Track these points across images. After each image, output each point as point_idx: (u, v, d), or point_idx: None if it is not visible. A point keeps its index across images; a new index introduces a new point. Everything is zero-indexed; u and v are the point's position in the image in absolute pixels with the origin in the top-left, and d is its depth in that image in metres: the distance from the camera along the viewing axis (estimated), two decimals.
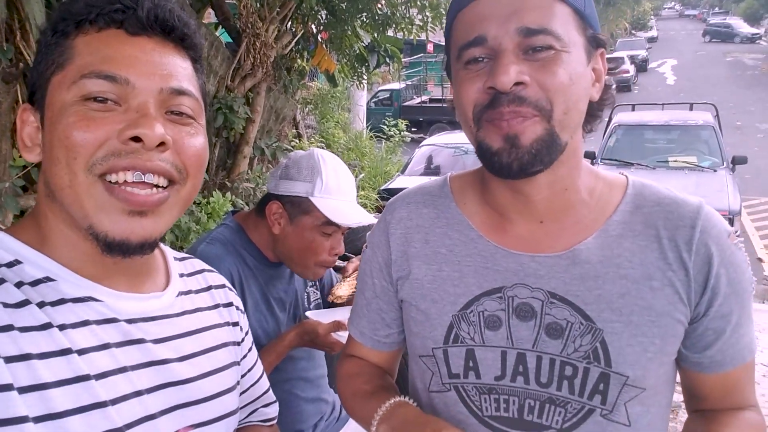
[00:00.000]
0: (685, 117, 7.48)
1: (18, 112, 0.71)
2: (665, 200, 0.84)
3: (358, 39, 5.51)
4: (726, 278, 0.80)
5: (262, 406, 1.01)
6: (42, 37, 0.69)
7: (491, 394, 0.85)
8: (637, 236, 0.81)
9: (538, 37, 0.73)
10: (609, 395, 0.80)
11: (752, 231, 7.65)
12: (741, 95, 19.58)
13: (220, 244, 1.42)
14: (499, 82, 0.72)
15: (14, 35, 2.05)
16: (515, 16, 0.73)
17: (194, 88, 0.71)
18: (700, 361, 0.84)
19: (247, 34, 4.37)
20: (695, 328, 0.81)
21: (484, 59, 0.76)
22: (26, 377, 0.59)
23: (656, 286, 0.79)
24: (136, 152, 0.65)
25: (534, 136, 0.74)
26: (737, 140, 12.12)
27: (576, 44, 0.76)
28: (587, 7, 0.78)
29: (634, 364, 0.79)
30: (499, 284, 0.84)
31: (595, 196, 0.85)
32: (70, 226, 0.67)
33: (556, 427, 0.82)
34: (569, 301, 0.81)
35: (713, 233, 0.80)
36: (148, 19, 0.67)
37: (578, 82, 0.75)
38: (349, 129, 10.68)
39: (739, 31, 37.09)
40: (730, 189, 5.97)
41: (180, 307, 0.79)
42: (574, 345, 0.80)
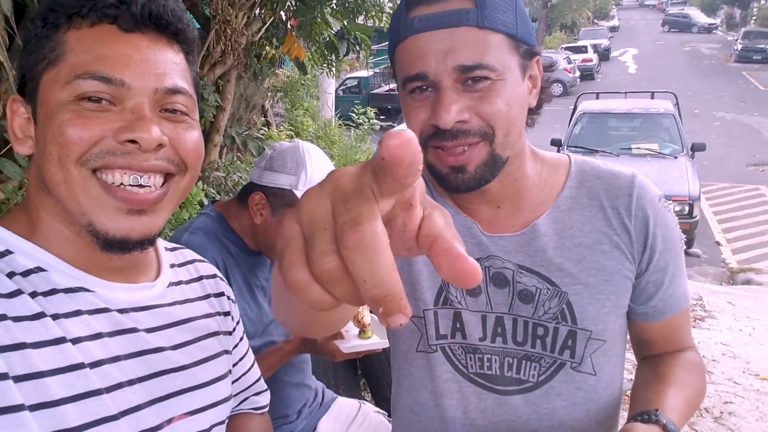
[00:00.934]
0: (647, 105, 7.69)
1: (8, 102, 0.70)
2: (604, 174, 0.95)
3: (327, 26, 5.47)
4: (661, 237, 0.92)
5: (253, 395, 1.03)
6: (31, 26, 0.68)
7: (476, 353, 0.94)
8: (584, 208, 0.92)
9: (474, 71, 0.79)
10: (577, 349, 0.91)
11: (710, 216, 7.95)
12: (699, 84, 20.17)
13: (203, 234, 1.43)
14: (442, 121, 0.79)
15: None
16: (451, 54, 0.78)
17: (187, 84, 0.72)
18: (645, 311, 0.96)
19: (217, 21, 4.29)
20: (639, 283, 0.93)
21: (427, 88, 0.82)
22: (21, 366, 0.59)
23: (606, 250, 0.91)
24: (132, 153, 0.65)
25: (477, 162, 0.83)
26: (696, 128, 12.51)
27: (510, 67, 0.82)
28: (519, 28, 0.82)
29: (595, 319, 0.90)
30: (476, 256, 0.92)
31: (543, 178, 0.94)
32: (64, 220, 0.67)
33: (532, 380, 0.93)
34: (535, 271, 0.91)
35: (647, 198, 0.92)
36: (142, 15, 0.67)
37: (515, 104, 0.83)
38: (317, 117, 10.60)
39: (697, 21, 38.06)
40: (690, 175, 6.18)
41: (171, 298, 0.80)
42: (544, 308, 0.91)
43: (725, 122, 14.70)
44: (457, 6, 0.79)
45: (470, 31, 0.78)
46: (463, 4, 0.79)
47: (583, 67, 22.57)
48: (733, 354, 3.90)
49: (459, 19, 0.78)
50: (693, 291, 5.09)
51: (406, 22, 0.81)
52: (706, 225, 7.50)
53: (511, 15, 0.81)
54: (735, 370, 3.67)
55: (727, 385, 3.50)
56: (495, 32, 0.79)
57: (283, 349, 1.48)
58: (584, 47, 24.70)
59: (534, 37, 0.86)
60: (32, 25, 0.68)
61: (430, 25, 0.79)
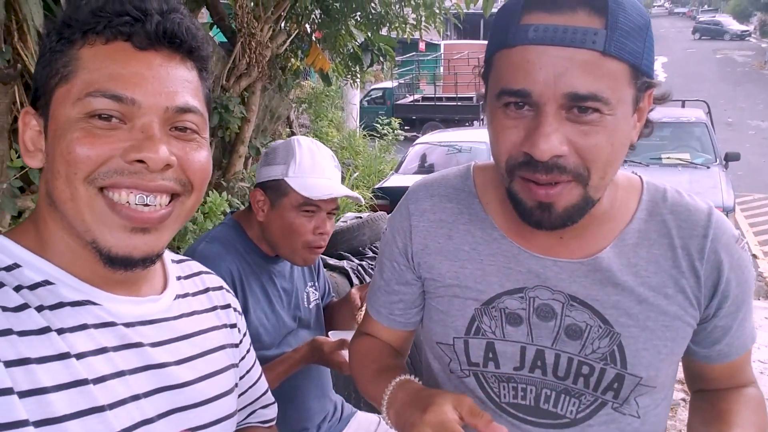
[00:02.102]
0: (677, 114, 7.52)
1: (20, 114, 0.70)
2: (678, 207, 0.85)
3: (351, 38, 5.50)
4: (735, 281, 0.84)
5: (260, 408, 1.01)
6: (46, 40, 0.68)
7: (509, 382, 0.88)
8: (652, 245, 0.84)
9: (586, 102, 0.69)
10: (622, 392, 0.84)
11: (746, 227, 7.72)
12: (732, 92, 19.72)
13: (219, 244, 1.43)
14: (538, 151, 0.70)
15: (12, 36, 2.04)
16: (564, 79, 0.68)
17: (199, 102, 0.71)
18: (708, 355, 0.89)
19: (243, 34, 4.36)
20: (705, 327, 0.86)
21: (524, 106, 0.72)
22: (25, 381, 0.59)
23: (670, 293, 0.82)
24: (140, 173, 0.65)
25: (567, 204, 0.74)
26: (729, 137, 12.21)
27: (624, 101, 0.72)
28: (645, 57, 0.72)
29: (648, 366, 0.83)
30: (521, 285, 0.86)
31: (616, 206, 0.86)
32: (71, 235, 0.67)
33: (570, 416, 0.86)
34: (589, 305, 0.83)
35: (723, 240, 0.84)
36: (157, 33, 0.66)
37: (619, 143, 0.74)
38: (342, 128, 10.67)
39: (729, 28, 37.37)
40: (723, 186, 6.01)
41: (177, 310, 0.79)
42: (593, 347, 0.83)
43: (760, 131, 14.31)
44: (584, 23, 0.68)
45: (592, 55, 0.68)
46: (592, 21, 0.68)
47: None
48: None
49: (584, 39, 0.67)
50: None
51: (518, 28, 0.70)
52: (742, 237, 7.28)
53: (640, 43, 0.70)
54: None
55: None
56: (619, 61, 0.69)
57: (291, 358, 1.46)
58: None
59: (654, 66, 0.76)
60: (47, 39, 0.68)
61: (547, 39, 0.68)
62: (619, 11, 0.68)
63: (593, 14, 0.68)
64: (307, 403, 1.58)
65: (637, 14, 0.70)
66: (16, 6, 1.99)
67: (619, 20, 0.68)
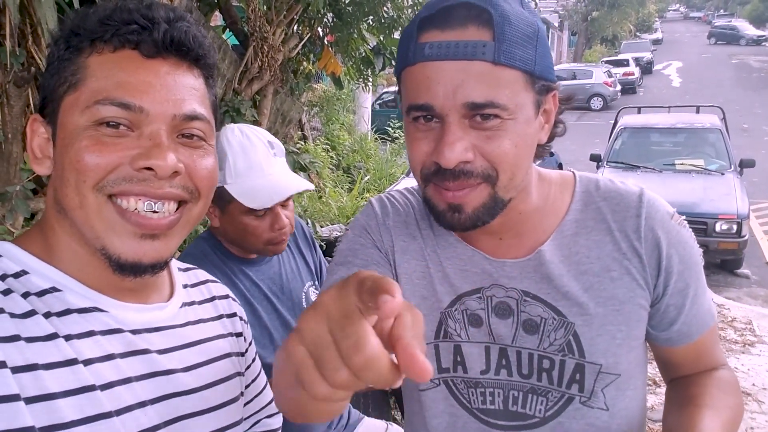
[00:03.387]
0: (691, 120, 7.45)
1: (29, 122, 0.71)
2: (610, 193, 0.89)
3: (364, 42, 5.52)
4: (677, 257, 0.86)
5: (265, 417, 1.01)
6: (54, 48, 0.69)
7: (477, 387, 0.90)
8: (590, 232, 0.87)
9: (484, 109, 0.73)
10: (586, 383, 0.85)
11: (760, 235, 7.61)
12: (747, 98, 19.50)
13: (192, 258, 1.37)
14: (444, 159, 0.74)
15: (26, 40, 2.06)
16: (461, 89, 0.72)
17: (206, 109, 0.72)
18: (669, 337, 0.90)
19: (255, 38, 4.38)
20: (658, 308, 0.88)
21: (432, 118, 0.77)
22: (33, 387, 0.59)
23: (615, 276, 0.85)
24: (148, 180, 0.65)
25: (477, 204, 0.78)
26: (744, 143, 12.07)
27: (523, 105, 0.76)
28: (538, 63, 0.76)
29: (605, 352, 0.85)
30: (477, 285, 0.89)
31: (549, 202, 0.89)
32: (80, 242, 0.68)
33: (539, 415, 0.88)
34: (541, 298, 0.86)
35: (657, 218, 0.86)
36: (164, 41, 0.67)
37: (523, 145, 0.78)
38: (354, 131, 10.69)
39: (745, 33, 37.01)
40: (738, 192, 5.94)
41: (184, 318, 0.80)
42: (549, 339, 0.86)
43: None
44: (473, 37, 0.72)
45: (484, 65, 0.72)
46: (480, 35, 0.72)
47: (625, 81, 22.15)
48: None
49: (474, 52, 0.72)
50: (742, 314, 4.85)
51: (416, 46, 0.75)
52: (756, 245, 7.17)
53: (530, 50, 0.74)
54: None
55: None
56: (511, 69, 0.73)
57: None
58: (626, 60, 24.27)
59: (553, 70, 0.80)
60: (55, 47, 0.69)
61: (442, 54, 0.73)
62: (505, 23, 0.72)
63: (481, 28, 0.72)
64: None
65: (524, 24, 0.74)
66: (30, 10, 2.01)
67: (506, 31, 0.72)
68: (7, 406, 0.56)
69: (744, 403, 3.50)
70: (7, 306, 0.61)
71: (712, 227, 5.62)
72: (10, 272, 0.65)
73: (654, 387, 3.50)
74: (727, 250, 5.75)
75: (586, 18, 31.51)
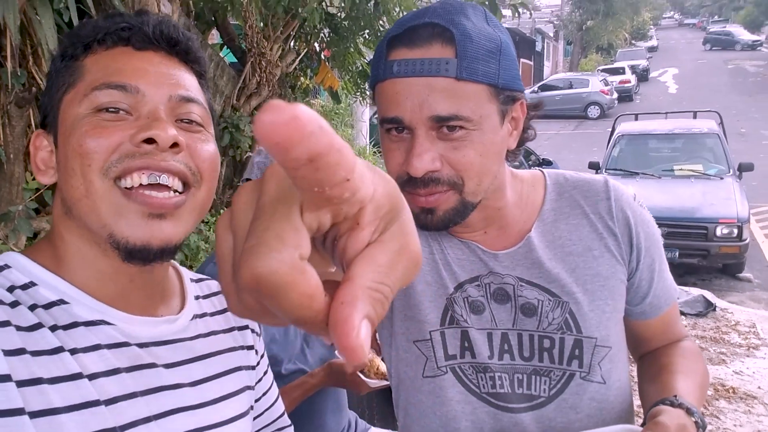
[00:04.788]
0: (689, 125, 7.47)
1: (31, 138, 0.72)
2: (579, 182, 0.98)
3: (360, 55, 5.56)
4: (644, 234, 0.94)
5: (276, 430, 1.00)
6: (52, 65, 0.71)
7: (486, 372, 0.93)
8: (568, 217, 0.95)
9: (450, 122, 0.78)
10: (584, 358, 0.91)
11: (761, 238, 7.60)
12: (744, 102, 19.57)
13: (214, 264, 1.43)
14: (413, 169, 0.80)
15: (27, 60, 2.09)
16: (426, 104, 0.78)
17: (202, 98, 0.73)
18: (642, 310, 0.99)
19: (253, 54, 4.42)
20: (632, 283, 0.96)
21: (404, 129, 0.82)
22: (37, 402, 0.58)
23: (597, 255, 0.93)
24: (149, 153, 0.65)
25: (447, 207, 0.84)
26: (742, 147, 12.08)
27: (488, 116, 0.81)
28: (501, 76, 0.80)
29: (598, 325, 0.91)
30: (476, 273, 0.94)
31: (524, 197, 0.96)
32: (88, 242, 0.67)
33: (544, 395, 0.92)
34: (535, 283, 0.92)
35: (624, 199, 0.95)
36: (154, 33, 0.70)
37: (489, 153, 0.83)
38: (352, 145, 10.73)
39: (740, 38, 37.18)
40: (737, 196, 5.94)
41: (194, 331, 0.79)
42: (548, 320, 0.91)
43: None
44: (437, 54, 0.77)
45: (448, 81, 0.77)
46: (444, 53, 0.77)
47: (621, 89, 22.24)
48: None
49: (438, 69, 0.77)
50: (745, 318, 4.84)
51: (386, 64, 0.81)
52: (758, 248, 7.16)
53: (493, 64, 0.79)
54: None
55: None
56: (474, 83, 0.78)
57: (307, 383, 1.46)
58: (622, 68, 24.40)
59: (518, 81, 0.85)
60: (53, 63, 0.71)
61: (408, 71, 0.78)
62: (466, 41, 0.77)
63: (445, 46, 0.78)
64: (324, 420, 1.58)
65: (486, 41, 0.79)
66: (30, 30, 2.04)
67: (468, 49, 0.77)
68: (13, 420, 0.56)
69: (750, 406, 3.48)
70: (14, 318, 0.61)
71: (712, 232, 5.62)
72: (18, 284, 0.65)
73: None
74: (729, 255, 5.74)
75: (581, 27, 31.72)
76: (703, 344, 4.31)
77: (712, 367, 3.93)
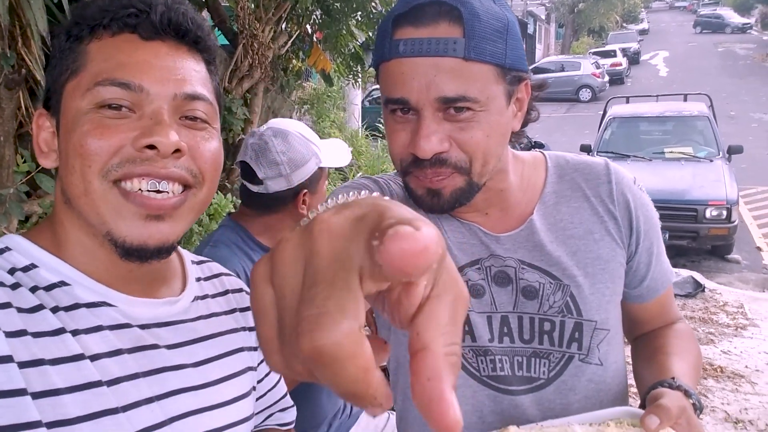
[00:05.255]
0: (679, 108, 7.50)
1: (34, 117, 0.71)
2: (580, 165, 0.98)
3: (352, 38, 5.50)
4: (643, 217, 0.95)
5: (278, 411, 1.01)
6: (56, 41, 0.69)
7: (487, 355, 0.93)
8: (569, 200, 0.95)
9: (456, 103, 0.77)
10: (584, 341, 0.92)
11: (750, 220, 7.69)
12: (734, 85, 19.64)
13: (223, 246, 1.43)
14: (420, 151, 0.78)
15: (16, 42, 2.04)
16: (434, 85, 0.76)
17: (208, 92, 0.71)
18: (640, 293, 0.99)
19: (245, 36, 4.37)
20: (631, 266, 0.96)
21: (409, 110, 0.80)
22: (39, 383, 0.58)
23: (597, 238, 0.93)
24: (151, 160, 0.64)
25: (453, 189, 0.83)
26: (732, 130, 12.17)
27: (495, 97, 0.80)
28: (508, 56, 0.79)
29: (598, 308, 0.91)
30: (476, 257, 0.93)
31: (525, 179, 0.96)
32: (87, 233, 0.67)
33: (543, 377, 0.93)
34: (536, 266, 0.92)
35: (625, 182, 0.96)
36: (162, 23, 0.67)
37: (495, 134, 0.82)
38: (344, 128, 10.67)
39: (730, 21, 37.19)
40: (726, 179, 6.00)
41: (195, 312, 0.79)
42: (549, 303, 0.91)
43: (763, 124, 14.25)
44: (444, 34, 0.76)
45: (455, 61, 0.76)
46: (451, 32, 0.76)
47: (612, 72, 22.24)
48: None
49: (445, 48, 0.75)
50: (734, 299, 4.91)
51: (391, 43, 0.79)
52: (746, 230, 7.25)
53: (500, 44, 0.78)
54: None
55: None
56: (482, 63, 0.77)
57: None
58: (613, 51, 24.37)
59: (524, 61, 0.83)
60: (57, 40, 0.69)
61: (415, 51, 0.76)
62: (474, 20, 0.75)
63: (452, 25, 0.76)
64: (320, 401, 1.59)
65: (494, 19, 0.77)
66: (19, 11, 2.00)
67: (476, 27, 0.75)
68: (15, 401, 0.56)
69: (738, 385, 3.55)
70: (15, 300, 0.61)
71: (702, 214, 5.68)
72: (19, 266, 0.65)
73: None
74: (718, 236, 5.82)
75: (572, 10, 31.57)
76: (693, 324, 4.38)
77: (701, 346, 3.99)
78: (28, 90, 2.32)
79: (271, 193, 1.47)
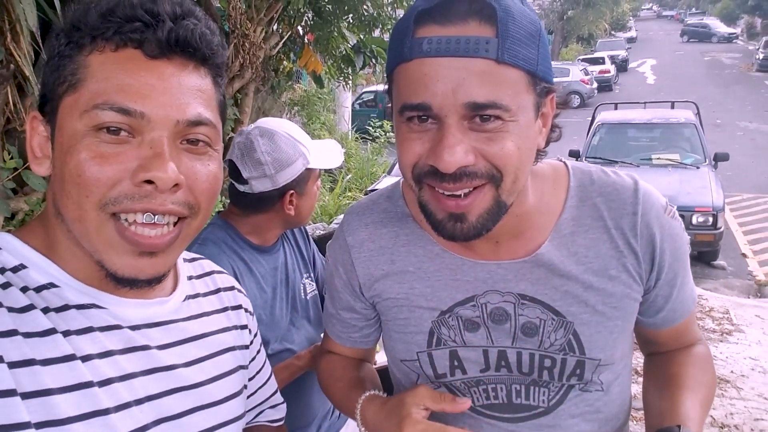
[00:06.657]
0: (667, 115, 7.59)
1: (28, 119, 0.68)
2: (606, 188, 0.86)
3: (344, 40, 5.51)
4: (669, 250, 0.86)
5: (269, 408, 1.01)
6: (55, 42, 0.65)
7: (479, 385, 0.89)
8: (588, 231, 0.85)
9: (486, 110, 0.68)
10: (585, 375, 0.87)
11: (735, 227, 7.79)
12: (720, 94, 19.92)
13: (212, 244, 1.42)
14: (443, 164, 0.69)
15: (5, 37, 2.02)
16: (462, 89, 0.67)
17: (212, 112, 0.68)
18: (654, 322, 0.92)
19: (236, 35, 4.35)
20: (647, 299, 0.89)
21: (428, 119, 0.71)
22: (29, 383, 0.58)
23: (614, 274, 0.84)
24: (149, 195, 0.63)
25: (481, 210, 0.73)
26: (718, 138, 12.33)
27: (525, 107, 0.71)
28: (540, 64, 0.71)
29: (604, 347, 0.85)
30: (470, 294, 0.86)
31: (545, 200, 0.86)
32: (77, 245, 0.66)
33: (543, 405, 0.89)
34: (539, 300, 0.84)
35: (653, 213, 0.85)
36: (168, 40, 0.63)
37: (526, 148, 0.73)
38: (334, 130, 10.68)
39: (717, 31, 37.77)
40: (713, 186, 6.08)
41: (186, 312, 0.78)
42: (550, 340, 0.85)
43: (748, 132, 14.46)
44: (475, 32, 0.67)
45: (487, 63, 0.67)
46: (483, 31, 0.67)
47: (601, 79, 22.44)
48: (763, 369, 3.78)
49: (476, 48, 0.67)
50: (719, 304, 4.97)
51: (413, 42, 0.70)
52: (732, 237, 7.34)
53: (533, 49, 0.70)
54: (766, 385, 3.56)
55: (757, 401, 3.39)
56: (514, 68, 0.69)
57: (293, 365, 1.46)
58: (601, 58, 24.59)
59: (552, 72, 0.76)
60: (56, 41, 0.65)
61: (441, 50, 0.68)
62: (509, 20, 0.68)
63: (484, 23, 0.68)
64: (310, 401, 1.58)
65: (528, 22, 0.70)
66: (8, 6, 1.98)
67: (510, 28, 0.68)
68: (3, 402, 0.56)
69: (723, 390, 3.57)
70: (5, 300, 0.60)
71: (688, 220, 5.74)
72: (8, 266, 0.64)
73: (636, 377, 3.57)
74: (704, 242, 5.88)
75: (562, 17, 31.87)
76: None
77: None
78: (16, 86, 2.29)
79: (256, 193, 1.45)
